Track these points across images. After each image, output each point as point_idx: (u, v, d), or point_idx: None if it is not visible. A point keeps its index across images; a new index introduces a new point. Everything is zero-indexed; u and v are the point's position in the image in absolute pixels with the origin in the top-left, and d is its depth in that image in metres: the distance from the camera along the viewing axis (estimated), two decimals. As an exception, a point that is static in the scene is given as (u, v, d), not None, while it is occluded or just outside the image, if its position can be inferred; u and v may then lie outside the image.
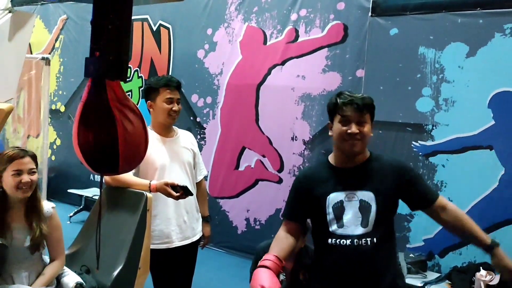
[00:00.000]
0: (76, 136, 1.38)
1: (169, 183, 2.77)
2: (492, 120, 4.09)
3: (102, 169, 1.42)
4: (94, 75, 1.36)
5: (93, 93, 1.36)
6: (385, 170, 2.21)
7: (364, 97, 2.20)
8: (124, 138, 1.34)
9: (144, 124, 1.43)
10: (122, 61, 1.37)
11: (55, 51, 7.74)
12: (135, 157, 1.42)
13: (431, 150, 4.41)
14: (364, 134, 2.15)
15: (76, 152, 1.40)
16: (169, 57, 6.41)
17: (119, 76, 1.37)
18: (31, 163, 2.54)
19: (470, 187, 4.19)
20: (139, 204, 2.66)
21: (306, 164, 5.25)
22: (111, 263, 2.61)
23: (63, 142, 7.73)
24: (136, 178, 2.82)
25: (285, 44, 5.39)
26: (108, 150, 1.35)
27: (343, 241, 2.17)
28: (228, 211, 5.88)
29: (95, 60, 1.35)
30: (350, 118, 2.14)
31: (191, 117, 6.01)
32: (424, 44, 4.44)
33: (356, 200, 2.17)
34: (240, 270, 4.84)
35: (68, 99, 7.63)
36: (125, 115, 1.36)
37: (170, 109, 2.93)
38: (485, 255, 3.99)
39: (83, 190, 7.06)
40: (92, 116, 1.36)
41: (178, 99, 2.99)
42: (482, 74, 4.15)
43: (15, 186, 2.47)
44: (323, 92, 5.11)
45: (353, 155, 2.21)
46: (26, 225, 2.55)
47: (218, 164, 5.88)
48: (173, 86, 2.96)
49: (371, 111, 2.19)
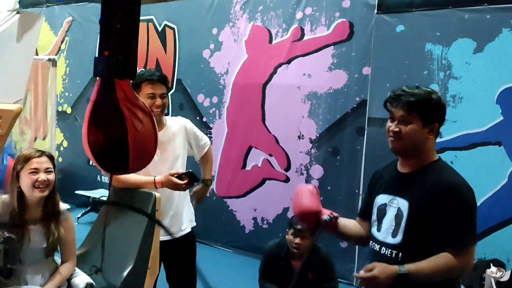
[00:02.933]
0: (86, 136, 1.38)
1: (173, 173, 2.75)
2: (501, 116, 4.07)
3: (113, 168, 1.42)
4: (103, 75, 1.36)
5: (102, 93, 1.36)
6: (436, 183, 1.96)
7: (416, 94, 1.99)
8: (134, 137, 1.33)
9: (154, 123, 1.42)
10: (131, 60, 1.37)
11: (60, 53, 7.76)
12: (145, 156, 1.41)
13: (439, 147, 4.36)
14: (403, 133, 1.96)
15: (86, 152, 1.40)
16: (174, 57, 6.41)
17: (128, 75, 1.37)
18: (48, 163, 2.57)
19: (479, 183, 4.13)
20: (147, 204, 2.66)
21: (313, 163, 5.24)
22: (120, 264, 2.61)
23: (70, 143, 7.74)
24: (140, 177, 2.78)
25: (290, 43, 5.37)
26: (118, 149, 1.34)
27: (375, 245, 2.13)
28: (236, 211, 5.87)
29: (104, 59, 1.35)
30: (394, 115, 2.00)
31: (197, 117, 6.00)
32: (431, 41, 4.41)
33: (396, 206, 2.04)
34: (248, 270, 4.83)
35: (75, 101, 7.64)
36: (135, 114, 1.36)
37: (153, 104, 2.79)
38: (495, 252, 4.01)
39: (91, 192, 7.07)
40: (102, 115, 1.36)
41: (162, 93, 2.86)
42: (490, 70, 4.12)
43: (31, 185, 2.49)
44: (330, 90, 5.10)
45: (397, 154, 2.07)
46: (43, 228, 2.56)
47: (225, 163, 5.88)
48: (155, 80, 2.83)
49: (421, 110, 1.96)
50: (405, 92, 1.99)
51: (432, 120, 1.98)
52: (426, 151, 2.03)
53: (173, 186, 2.76)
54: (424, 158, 2.03)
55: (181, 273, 3.09)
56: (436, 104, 2.00)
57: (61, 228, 2.59)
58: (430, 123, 1.98)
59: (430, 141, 2.02)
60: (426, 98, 1.98)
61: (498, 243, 4.05)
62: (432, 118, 1.98)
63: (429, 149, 2.04)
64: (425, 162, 2.03)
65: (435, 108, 2.00)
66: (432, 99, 1.99)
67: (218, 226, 5.75)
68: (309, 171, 5.27)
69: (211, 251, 5.58)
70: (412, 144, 1.98)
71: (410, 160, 2.04)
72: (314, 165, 5.24)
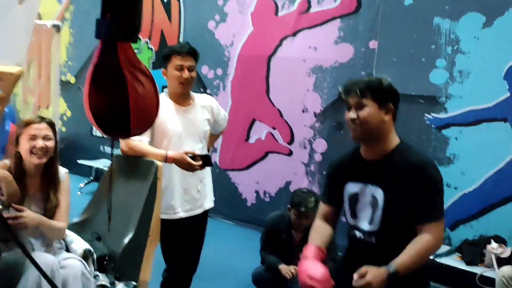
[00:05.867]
0: (87, 98, 1.36)
1: (188, 152, 2.71)
2: (508, 92, 4.01)
3: (113, 132, 1.40)
4: (105, 37, 1.33)
5: (103, 55, 1.34)
6: (404, 167, 2.03)
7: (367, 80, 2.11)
8: (135, 100, 1.32)
9: (156, 87, 1.40)
10: (134, 23, 1.35)
11: (65, 22, 7.69)
12: (146, 120, 1.40)
13: (444, 123, 4.35)
14: (361, 118, 2.03)
15: (86, 115, 1.38)
16: (179, 28, 6.35)
17: (131, 37, 1.34)
18: (47, 130, 2.55)
19: (483, 160, 4.14)
20: (149, 172, 2.65)
21: (316, 137, 5.22)
22: (121, 231, 2.62)
23: (74, 113, 7.74)
24: (152, 148, 2.76)
25: (297, 15, 5.30)
26: (119, 112, 1.33)
27: (355, 232, 2.20)
28: (238, 184, 5.88)
29: (106, 21, 1.33)
30: (349, 104, 2.07)
31: (201, 88, 5.97)
32: (439, 15, 4.34)
33: (369, 194, 2.11)
34: (249, 242, 4.86)
35: (78, 70, 7.62)
36: (136, 77, 1.34)
37: (180, 76, 2.84)
38: (497, 229, 4.01)
39: (94, 161, 7.10)
40: (103, 78, 1.34)
41: (191, 66, 2.87)
42: (498, 45, 4.05)
43: (29, 151, 2.48)
44: (335, 64, 5.05)
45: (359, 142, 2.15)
46: (42, 195, 2.56)
47: (228, 136, 5.86)
48: (184, 53, 2.84)
49: (374, 92, 2.03)
50: (355, 81, 2.08)
51: (385, 100, 2.05)
52: (387, 135, 2.09)
53: (185, 165, 2.70)
54: (387, 143, 2.10)
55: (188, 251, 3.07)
56: (387, 86, 2.07)
57: (60, 196, 2.58)
58: (384, 103, 2.04)
59: (388, 123, 2.07)
60: (377, 82, 2.06)
61: (500, 220, 4.04)
62: (385, 98, 2.05)
63: (389, 132, 2.10)
64: (389, 147, 2.09)
65: (387, 89, 2.07)
66: (382, 83, 2.06)
67: (220, 198, 5.74)
68: (313, 145, 5.25)
69: (213, 223, 5.57)
70: (370, 127, 2.03)
71: (374, 146, 2.11)
72: (317, 139, 5.22)
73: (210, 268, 4.07)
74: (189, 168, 2.72)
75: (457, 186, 4.26)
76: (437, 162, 4.31)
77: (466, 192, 4.23)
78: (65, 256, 2.52)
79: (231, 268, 4.50)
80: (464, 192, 4.24)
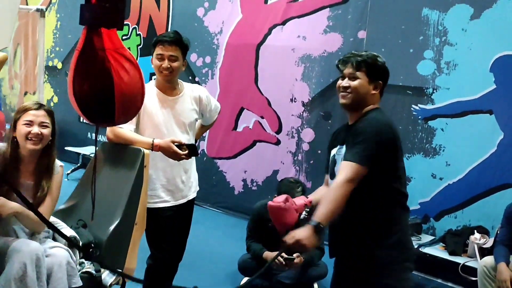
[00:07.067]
0: (72, 85, 1.36)
1: (175, 141, 2.68)
2: (494, 84, 4.05)
3: (98, 119, 1.40)
4: (90, 23, 1.32)
5: (88, 41, 1.33)
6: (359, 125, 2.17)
7: (363, 55, 2.23)
8: (120, 87, 1.31)
9: (141, 74, 1.39)
10: (118, 8, 1.34)
11: (51, 7, 7.60)
12: (131, 108, 1.39)
13: (430, 114, 4.38)
14: (351, 87, 2.20)
15: (71, 102, 1.38)
16: (168, 14, 6.30)
17: (115, 23, 1.34)
18: (44, 117, 2.55)
19: (469, 151, 4.18)
20: (136, 160, 2.64)
21: (304, 127, 5.23)
22: (107, 218, 2.61)
23: (60, 99, 7.68)
24: (139, 136, 2.73)
25: (286, 4, 5.29)
26: (103, 100, 1.32)
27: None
28: (226, 172, 5.89)
29: (91, 7, 1.32)
30: (344, 74, 2.24)
31: (189, 76, 5.94)
32: (428, 6, 4.35)
33: (341, 154, 2.21)
34: (236, 230, 4.88)
35: (65, 56, 7.54)
36: (121, 64, 1.33)
37: (160, 66, 2.78)
38: (480, 219, 4.06)
39: (81, 148, 7.06)
40: (87, 65, 1.33)
41: (171, 55, 2.80)
42: (485, 38, 4.08)
43: (24, 136, 2.48)
44: (324, 54, 5.05)
45: (346, 108, 2.26)
46: (34, 182, 2.54)
47: (216, 124, 5.72)
48: (167, 41, 2.79)
49: (368, 67, 2.19)
50: (354, 54, 2.25)
51: (377, 77, 2.21)
52: (369, 105, 2.23)
53: (171, 154, 2.68)
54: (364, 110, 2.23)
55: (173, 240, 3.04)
56: (381, 65, 2.23)
57: (52, 186, 2.57)
58: (375, 80, 2.21)
59: (374, 97, 2.23)
60: (373, 59, 2.22)
61: (484, 211, 4.09)
62: (377, 76, 2.21)
63: (373, 104, 2.24)
64: (364, 111, 2.22)
65: (380, 68, 2.23)
66: (377, 60, 2.23)
67: (208, 186, 5.77)
68: (300, 134, 5.27)
69: (200, 211, 5.60)
70: (358, 97, 2.20)
71: (356, 113, 2.24)
72: (305, 129, 5.23)
73: (197, 255, 4.09)
74: (175, 157, 2.69)
75: (443, 177, 4.31)
76: (423, 153, 4.40)
77: (450, 183, 4.28)
78: (51, 245, 2.52)
79: (218, 255, 4.52)
80: (448, 182, 4.29)
